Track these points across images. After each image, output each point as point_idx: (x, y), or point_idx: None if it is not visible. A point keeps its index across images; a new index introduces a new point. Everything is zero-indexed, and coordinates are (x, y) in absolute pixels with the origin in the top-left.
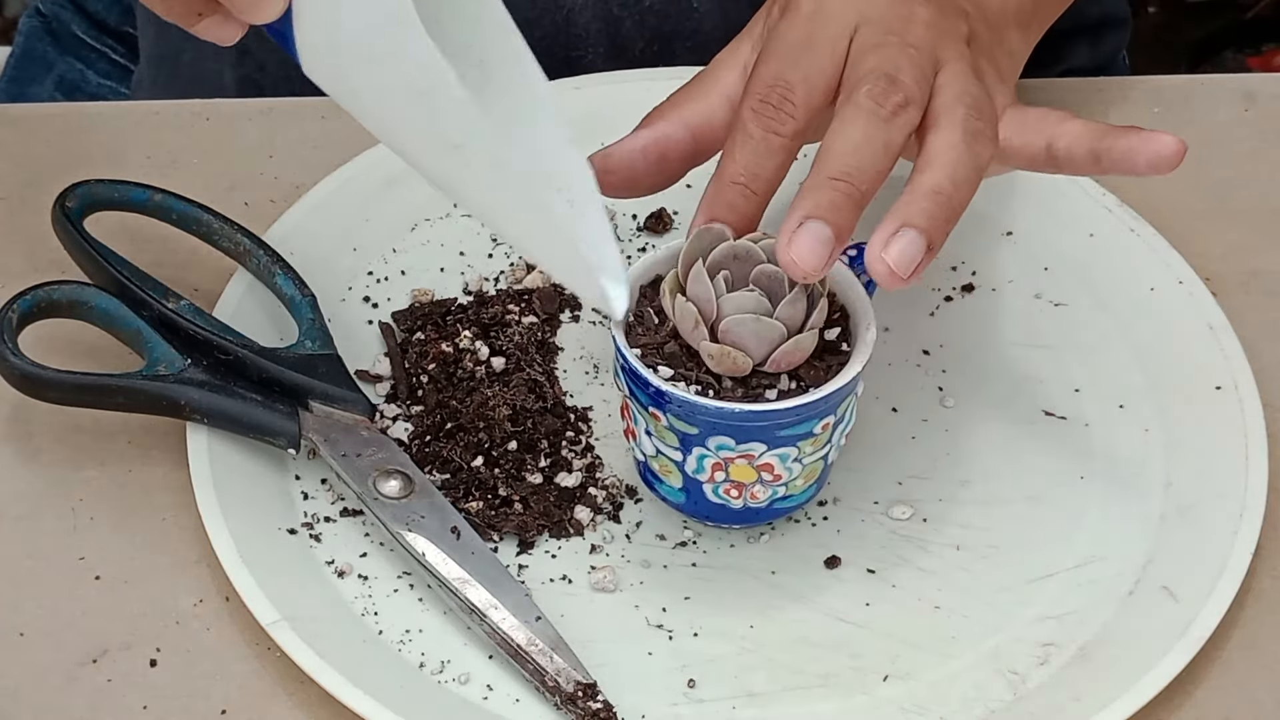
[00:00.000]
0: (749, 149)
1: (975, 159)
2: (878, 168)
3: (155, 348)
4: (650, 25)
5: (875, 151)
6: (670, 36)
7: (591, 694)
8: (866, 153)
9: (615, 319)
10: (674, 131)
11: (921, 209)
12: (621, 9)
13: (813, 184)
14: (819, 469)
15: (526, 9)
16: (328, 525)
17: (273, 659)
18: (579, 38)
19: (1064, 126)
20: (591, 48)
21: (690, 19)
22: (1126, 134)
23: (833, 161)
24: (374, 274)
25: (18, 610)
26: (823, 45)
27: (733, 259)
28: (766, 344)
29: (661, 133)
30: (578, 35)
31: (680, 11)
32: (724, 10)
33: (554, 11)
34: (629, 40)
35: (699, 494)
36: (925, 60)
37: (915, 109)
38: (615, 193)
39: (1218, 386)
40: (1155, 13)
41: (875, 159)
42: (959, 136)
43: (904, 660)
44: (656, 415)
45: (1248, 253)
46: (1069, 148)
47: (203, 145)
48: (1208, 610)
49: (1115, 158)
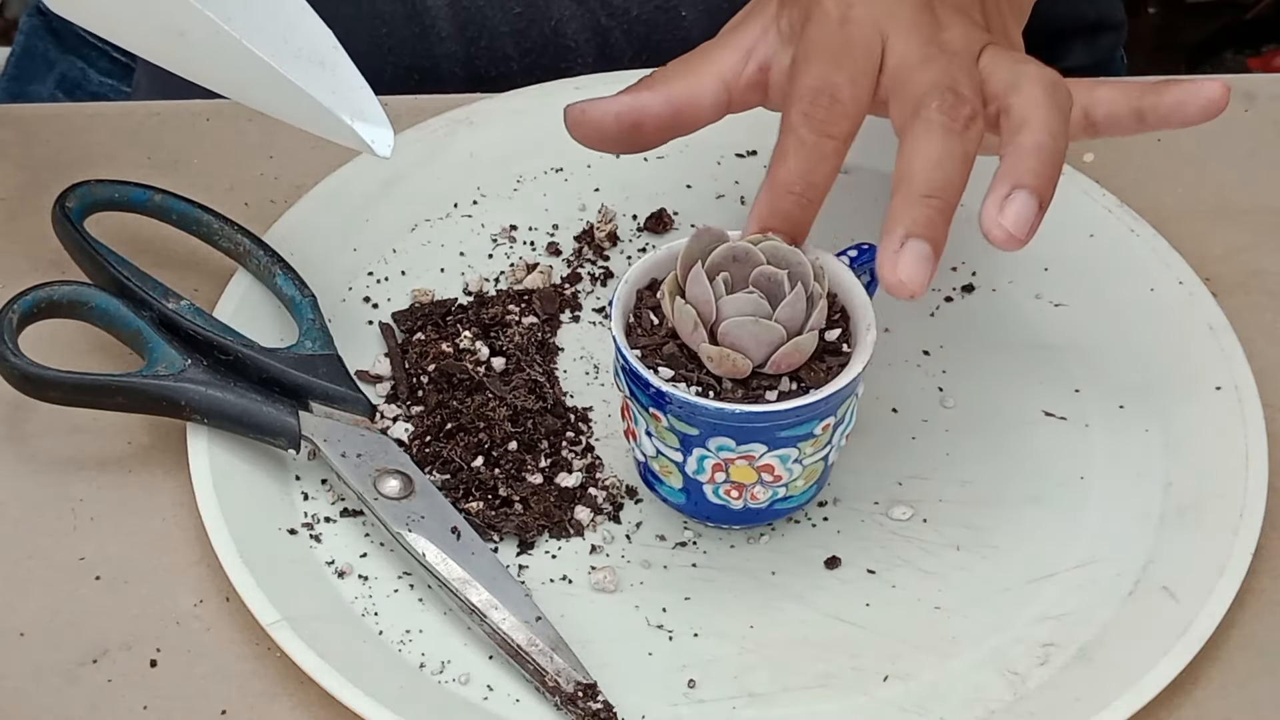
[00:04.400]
0: (803, 154)
1: (1062, 108)
2: (960, 181)
3: (155, 348)
4: (639, 35)
5: (956, 165)
6: (659, 46)
7: (592, 694)
8: (949, 167)
9: (381, 156)
10: (654, 103)
11: (1028, 168)
12: (610, 19)
13: (904, 203)
14: (819, 470)
15: (515, 20)
16: (328, 525)
17: (273, 659)
18: (568, 48)
19: (1098, 93)
20: (580, 58)
21: (679, 29)
22: (1169, 87)
23: (918, 179)
24: (374, 274)
25: (18, 610)
26: (860, 49)
27: (732, 261)
28: (766, 346)
29: (642, 102)
30: (567, 46)
31: (669, 21)
32: (712, 19)
33: (543, 23)
34: (618, 50)
35: (699, 494)
36: (970, 63)
37: (981, 117)
38: (584, 144)
39: (1218, 386)
40: (1155, 13)
41: (957, 172)
42: (1040, 92)
43: (904, 660)
44: (657, 416)
45: (1248, 253)
46: (1110, 113)
47: (203, 145)
48: (1208, 610)
49: (1163, 113)
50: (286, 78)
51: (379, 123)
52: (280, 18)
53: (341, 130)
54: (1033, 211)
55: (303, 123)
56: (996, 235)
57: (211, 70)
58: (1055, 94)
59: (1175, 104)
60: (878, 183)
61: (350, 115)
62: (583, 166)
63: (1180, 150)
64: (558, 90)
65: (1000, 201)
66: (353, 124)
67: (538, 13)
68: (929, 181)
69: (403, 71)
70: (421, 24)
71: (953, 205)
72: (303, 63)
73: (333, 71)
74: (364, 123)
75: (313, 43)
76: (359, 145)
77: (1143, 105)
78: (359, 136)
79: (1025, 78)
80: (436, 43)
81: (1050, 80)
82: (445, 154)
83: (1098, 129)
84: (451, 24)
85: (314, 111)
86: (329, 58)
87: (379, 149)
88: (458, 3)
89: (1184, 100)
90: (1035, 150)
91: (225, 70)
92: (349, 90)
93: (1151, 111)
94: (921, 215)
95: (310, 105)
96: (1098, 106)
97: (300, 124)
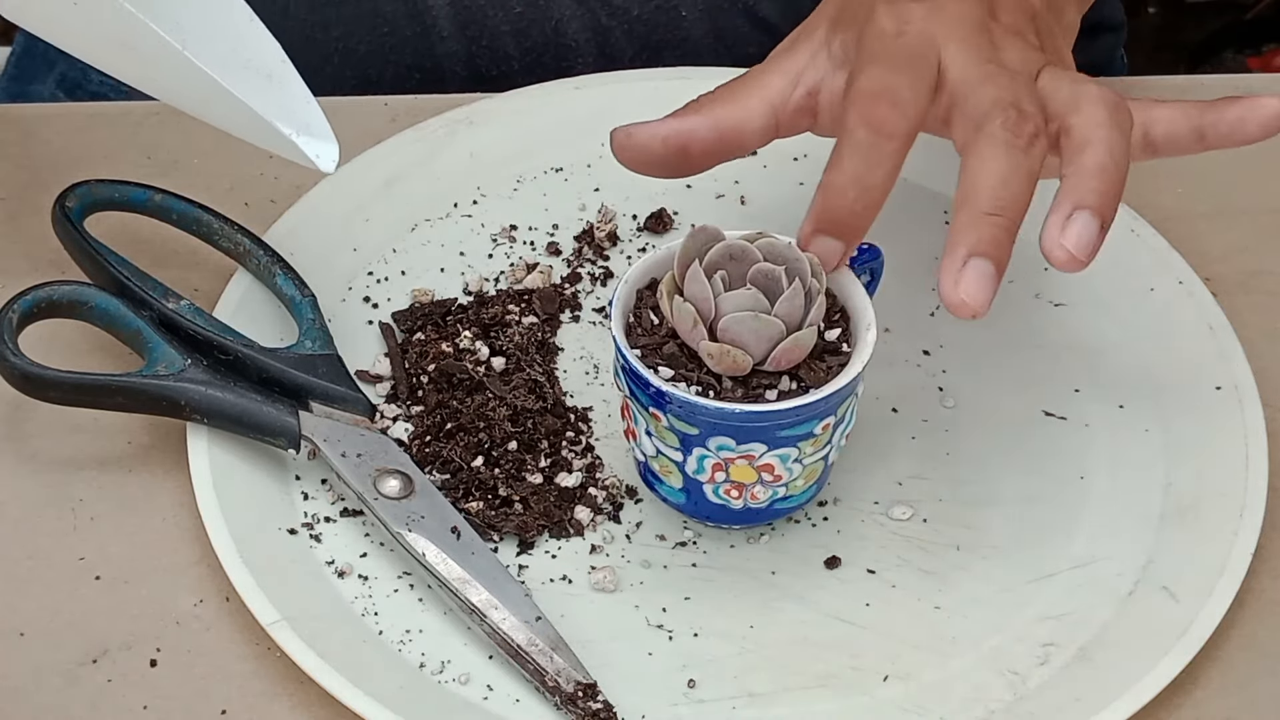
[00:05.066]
0: (859, 156)
1: (1123, 129)
2: (1025, 199)
3: (155, 348)
4: (639, 34)
5: (1021, 183)
6: (659, 45)
7: (592, 694)
8: (1014, 184)
9: (326, 172)
10: (701, 128)
11: (1091, 188)
12: (610, 19)
13: (968, 220)
14: (819, 469)
15: (515, 20)
16: (328, 525)
17: (273, 659)
18: (569, 48)
19: (1156, 112)
20: (581, 58)
21: (679, 28)
22: (1229, 105)
23: (983, 196)
24: (374, 274)
25: (18, 610)
26: (919, 58)
27: (729, 259)
28: (766, 341)
29: (689, 126)
30: (567, 45)
31: (669, 21)
32: (712, 19)
33: (543, 22)
34: (618, 50)
35: (699, 494)
36: (1030, 80)
37: (1044, 136)
38: (629, 167)
39: (1218, 386)
40: (1155, 13)
41: (1023, 190)
42: (1102, 112)
43: (904, 660)
44: (657, 416)
45: (1248, 253)
46: (1169, 132)
47: (203, 145)
48: (1208, 610)
49: (1224, 130)
50: (230, 91)
51: (324, 137)
52: (229, 30)
53: (284, 144)
54: (1094, 233)
55: (247, 135)
56: (1058, 256)
57: (157, 80)
58: (1117, 114)
59: (1236, 121)
60: None
61: (295, 129)
62: (583, 166)
63: None
64: (558, 90)
65: (1062, 222)
66: (297, 138)
67: (538, 12)
68: (994, 199)
69: (404, 70)
70: (423, 24)
71: (1017, 224)
72: (249, 75)
73: (280, 85)
74: (309, 137)
75: (261, 56)
76: (302, 160)
77: (1202, 123)
78: (301, 151)
79: (1086, 98)
80: (438, 42)
81: (1112, 101)
82: (445, 154)
83: (1157, 149)
84: (453, 23)
85: (257, 125)
86: (276, 71)
87: (323, 164)
88: (459, 2)
89: (1244, 117)
90: (1098, 171)
91: (171, 81)
92: (295, 104)
93: (1211, 129)
94: (986, 233)
95: (253, 118)
96: (1156, 126)
97: (245, 136)
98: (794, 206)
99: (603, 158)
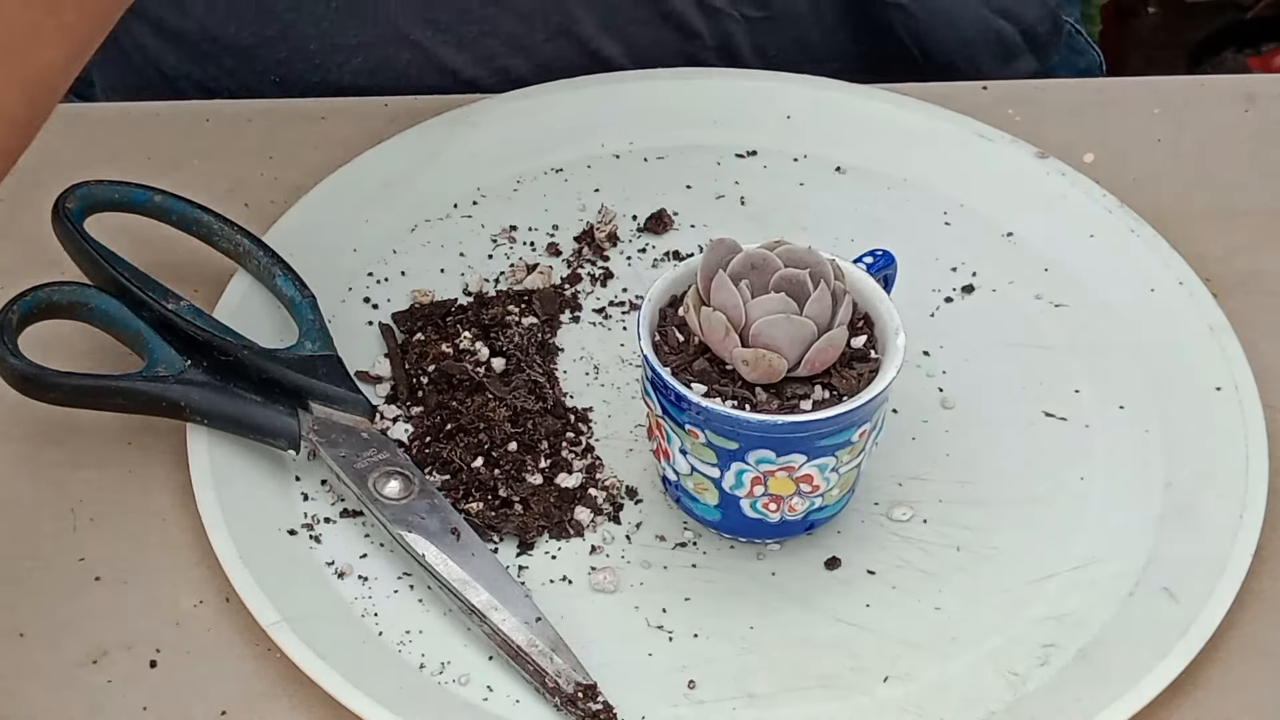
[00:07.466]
0: None
1: None
2: None
3: (155, 349)
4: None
5: None
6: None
7: (592, 695)
8: None
9: None
10: None
11: None
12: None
13: None
14: (852, 478)
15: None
16: (328, 526)
17: (273, 659)
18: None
19: None
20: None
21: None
22: None
23: None
24: (374, 275)
25: (18, 610)
26: None
27: (750, 268)
28: (800, 344)
29: None
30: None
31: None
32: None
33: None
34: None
35: (735, 510)
36: None
37: None
38: None
39: (1218, 387)
40: (1155, 13)
41: None
42: None
43: (904, 661)
44: (694, 433)
45: (1248, 253)
46: None
47: (203, 146)
48: (1208, 611)
49: None
50: None
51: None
52: None
53: None
54: None
55: None
56: None
57: None
58: None
59: None
60: (877, 183)
61: None
62: (583, 167)
63: (1180, 150)
64: (558, 90)
65: None
66: None
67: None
68: None
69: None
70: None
71: None
72: None
73: None
74: None
75: None
76: None
77: None
78: None
79: None
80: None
81: None
82: (445, 154)
83: None
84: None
85: None
86: None
87: None
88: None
89: None
90: None
91: None
92: None
93: None
94: None
95: None
96: None
97: None
98: (794, 206)
99: (602, 158)
